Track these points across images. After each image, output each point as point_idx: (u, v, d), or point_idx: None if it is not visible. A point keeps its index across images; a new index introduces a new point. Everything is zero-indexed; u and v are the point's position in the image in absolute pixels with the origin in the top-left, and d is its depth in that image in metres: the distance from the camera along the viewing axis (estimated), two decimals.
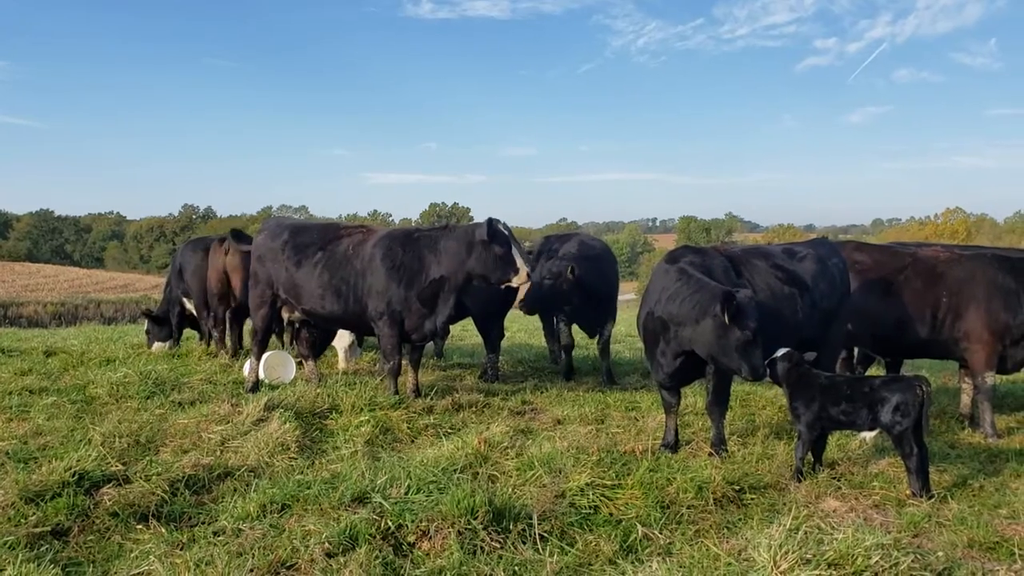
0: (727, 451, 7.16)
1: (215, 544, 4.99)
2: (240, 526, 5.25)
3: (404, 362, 9.15)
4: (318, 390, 8.55)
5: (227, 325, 12.13)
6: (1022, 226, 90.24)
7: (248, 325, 11.76)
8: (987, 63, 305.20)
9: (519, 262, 8.47)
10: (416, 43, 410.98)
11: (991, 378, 8.54)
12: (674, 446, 7.36)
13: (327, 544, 4.84)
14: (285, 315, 9.90)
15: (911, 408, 6.13)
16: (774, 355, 6.71)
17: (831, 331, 8.11)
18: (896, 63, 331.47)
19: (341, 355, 11.15)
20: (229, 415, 7.70)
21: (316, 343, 10.30)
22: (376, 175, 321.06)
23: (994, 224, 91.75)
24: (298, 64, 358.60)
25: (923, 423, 6.15)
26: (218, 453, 6.84)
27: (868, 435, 6.47)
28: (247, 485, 6.09)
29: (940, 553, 4.94)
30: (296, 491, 5.74)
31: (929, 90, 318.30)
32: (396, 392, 8.80)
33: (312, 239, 9.31)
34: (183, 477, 6.10)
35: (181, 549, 5.00)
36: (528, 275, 8.59)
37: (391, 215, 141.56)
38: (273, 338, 11.38)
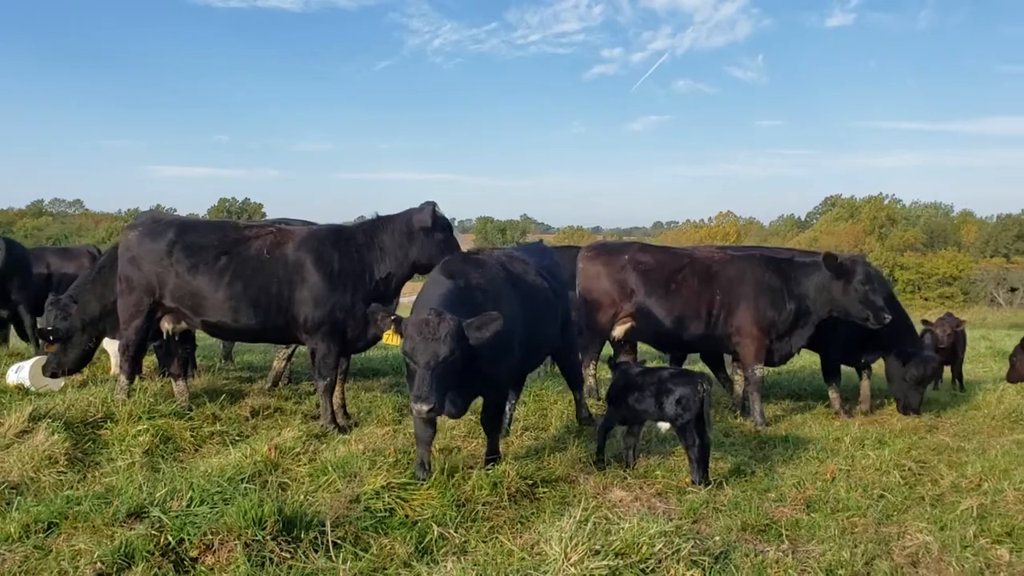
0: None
1: None
2: None
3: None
4: (91, 397, 7.86)
5: None
6: (785, 229, 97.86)
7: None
8: (756, 77, 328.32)
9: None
10: (205, 32, 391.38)
11: (760, 370, 9.21)
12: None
13: (99, 564, 4.49)
14: (166, 326, 8.55)
15: (692, 402, 6.46)
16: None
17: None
18: (676, 74, 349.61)
19: (113, 359, 10.32)
20: None
21: (188, 361, 9.56)
22: (162, 168, 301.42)
23: (761, 227, 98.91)
24: (75, 51, 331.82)
25: (705, 418, 6.49)
26: None
27: (663, 425, 6.74)
28: (8, 503, 5.55)
29: (717, 537, 5.23)
30: (65, 508, 5.29)
31: (705, 101, 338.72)
32: (336, 421, 8.05)
33: (211, 240, 8.14)
34: None
35: None
36: None
37: (176, 210, 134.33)
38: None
